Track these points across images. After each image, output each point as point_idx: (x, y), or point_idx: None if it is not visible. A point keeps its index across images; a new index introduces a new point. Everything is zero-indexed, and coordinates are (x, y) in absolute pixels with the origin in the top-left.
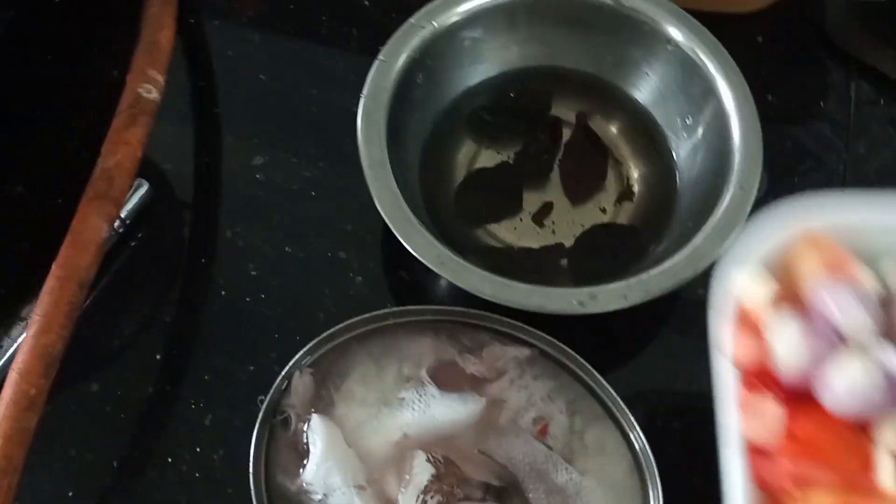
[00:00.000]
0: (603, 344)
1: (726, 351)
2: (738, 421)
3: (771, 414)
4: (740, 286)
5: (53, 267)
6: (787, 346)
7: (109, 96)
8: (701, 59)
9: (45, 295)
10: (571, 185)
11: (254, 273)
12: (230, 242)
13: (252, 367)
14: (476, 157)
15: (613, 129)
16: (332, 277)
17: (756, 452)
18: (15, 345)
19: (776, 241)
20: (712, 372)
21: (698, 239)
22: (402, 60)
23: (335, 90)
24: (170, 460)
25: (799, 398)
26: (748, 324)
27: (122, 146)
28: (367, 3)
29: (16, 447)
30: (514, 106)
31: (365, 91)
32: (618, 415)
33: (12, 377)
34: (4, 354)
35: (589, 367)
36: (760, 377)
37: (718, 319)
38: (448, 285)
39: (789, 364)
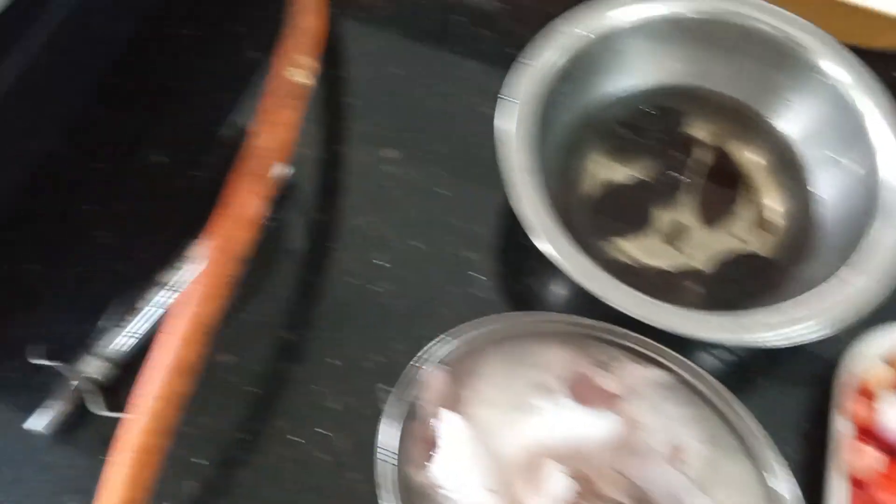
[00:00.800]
0: (733, 373)
1: (846, 410)
2: (847, 458)
3: (871, 458)
4: (866, 367)
5: (213, 239)
6: (891, 416)
7: (245, 76)
8: (851, 93)
9: (209, 266)
10: (703, 208)
11: (378, 263)
12: (358, 230)
13: (380, 357)
14: (607, 168)
15: (752, 156)
16: (458, 276)
17: (856, 483)
18: (158, 310)
19: None
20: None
21: (860, 282)
22: (546, 65)
23: (468, 91)
24: (297, 440)
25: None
26: (866, 394)
27: (280, 127)
28: (502, 6)
29: (173, 411)
30: (650, 122)
31: (509, 93)
32: (757, 451)
33: (173, 343)
34: (147, 318)
35: (730, 397)
36: (867, 433)
37: (844, 387)
38: (575, 298)
39: (889, 428)
